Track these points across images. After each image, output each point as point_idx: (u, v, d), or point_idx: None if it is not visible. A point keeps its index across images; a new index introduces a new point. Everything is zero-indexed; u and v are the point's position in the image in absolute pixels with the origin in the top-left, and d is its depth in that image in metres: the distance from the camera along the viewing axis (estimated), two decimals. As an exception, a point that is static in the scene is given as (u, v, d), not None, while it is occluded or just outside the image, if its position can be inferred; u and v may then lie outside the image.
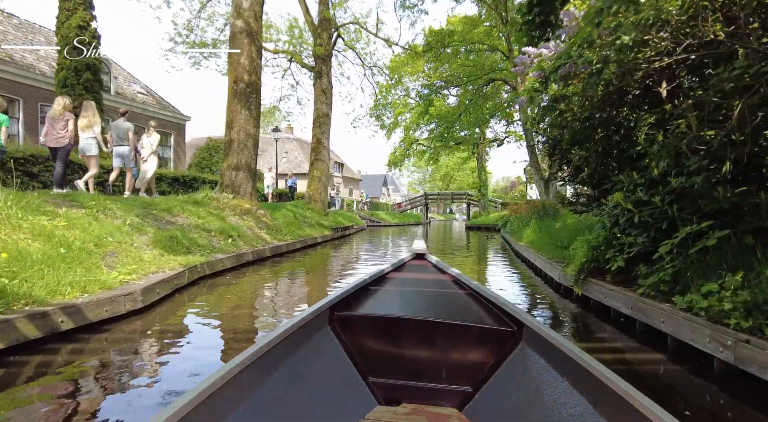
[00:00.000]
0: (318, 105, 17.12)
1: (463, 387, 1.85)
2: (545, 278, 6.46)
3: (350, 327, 2.00)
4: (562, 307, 4.82)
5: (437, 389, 1.86)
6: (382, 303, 2.24)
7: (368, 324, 1.99)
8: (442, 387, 1.86)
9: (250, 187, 10.33)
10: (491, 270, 8.00)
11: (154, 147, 10.09)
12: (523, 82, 20.49)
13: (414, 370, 1.90)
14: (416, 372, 1.90)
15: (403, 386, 1.88)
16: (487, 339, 1.89)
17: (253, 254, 7.83)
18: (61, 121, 7.72)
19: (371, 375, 1.91)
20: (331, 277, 6.99)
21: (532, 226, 10.46)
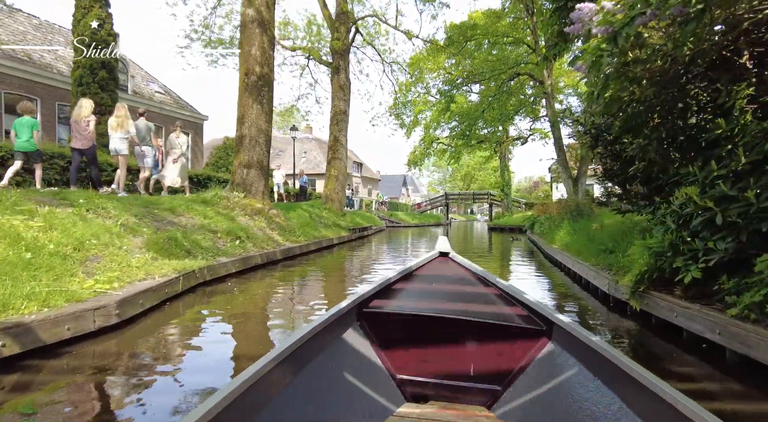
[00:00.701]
0: (335, 102, 16.55)
1: (491, 386, 1.83)
2: (588, 287, 5.67)
3: (378, 324, 2.01)
4: (614, 324, 4.05)
5: (465, 387, 1.84)
6: (409, 301, 2.21)
7: (396, 321, 2.00)
8: (469, 386, 1.84)
9: (262, 185, 9.78)
10: (522, 276, 7.23)
11: (184, 148, 10.20)
12: (550, 75, 19.54)
13: (441, 368, 1.90)
14: (444, 370, 1.89)
15: (430, 383, 1.87)
16: (515, 337, 1.88)
17: (261, 257, 7.24)
18: (83, 122, 7.72)
19: (399, 372, 1.91)
20: (347, 283, 6.34)
21: (565, 227, 9.61)
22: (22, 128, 7.31)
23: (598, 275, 5.03)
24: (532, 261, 9.42)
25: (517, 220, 27.44)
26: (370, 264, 8.75)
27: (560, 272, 7.54)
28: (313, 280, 6.56)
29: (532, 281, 6.73)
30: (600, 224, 8.67)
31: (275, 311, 4.43)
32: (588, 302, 5.03)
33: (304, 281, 6.36)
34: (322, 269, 7.75)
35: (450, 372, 1.89)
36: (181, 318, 3.88)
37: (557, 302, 5.10)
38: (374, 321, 2.02)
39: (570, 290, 5.84)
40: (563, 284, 6.28)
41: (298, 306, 4.66)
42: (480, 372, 1.88)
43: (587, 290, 5.63)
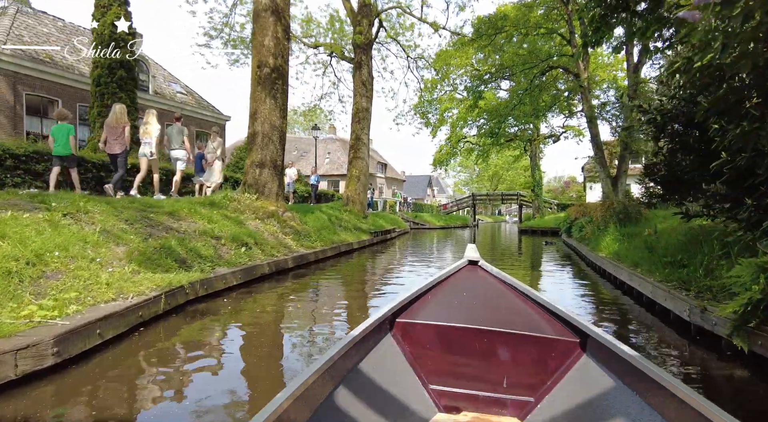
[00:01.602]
0: (357, 99, 15.78)
1: (524, 397, 1.80)
2: (652, 307, 4.65)
3: (411, 334, 2.01)
4: (707, 366, 3.07)
5: (498, 398, 1.82)
6: (441, 311, 2.15)
7: (428, 331, 2.00)
8: (502, 397, 1.82)
9: (275, 186, 9.06)
10: (565, 289, 6.23)
11: (218, 152, 10.39)
12: (587, 67, 18.25)
13: (474, 379, 1.88)
14: (476, 381, 1.87)
15: (463, 394, 1.85)
16: (548, 348, 1.85)
17: (270, 266, 6.49)
18: (118, 127, 7.88)
19: (432, 382, 1.91)
20: (364, 299, 5.50)
21: (611, 233, 8.52)
22: (59, 134, 7.49)
23: (673, 298, 4.03)
24: (573, 271, 8.36)
25: (549, 222, 26.05)
26: (392, 273, 7.89)
27: (609, 284, 6.51)
28: (324, 295, 5.74)
29: (577, 296, 5.74)
30: (653, 229, 7.58)
31: (272, 343, 3.63)
32: (657, 329, 4.03)
33: (314, 297, 5.55)
34: (337, 280, 6.94)
35: (483, 382, 1.87)
36: (147, 351, 3.11)
37: (617, 327, 4.12)
38: (407, 332, 2.03)
39: (629, 310, 4.84)
40: (617, 302, 5.27)
41: (297, 342, 3.85)
42: (513, 383, 1.85)
43: (651, 311, 4.62)
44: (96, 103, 15.22)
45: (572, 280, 7.38)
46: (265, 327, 3.93)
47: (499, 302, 2.31)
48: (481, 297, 2.38)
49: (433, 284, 2.45)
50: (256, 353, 3.22)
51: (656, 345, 3.56)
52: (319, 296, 5.52)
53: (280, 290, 5.69)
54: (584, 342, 1.83)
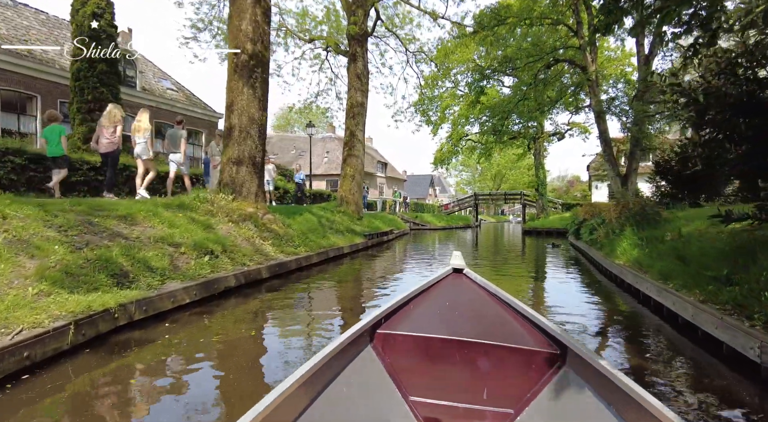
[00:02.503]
0: (352, 93, 14.89)
1: (504, 409, 1.79)
2: (695, 334, 3.74)
3: (391, 345, 1.99)
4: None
5: (478, 410, 1.82)
6: (422, 322, 2.12)
7: (409, 343, 1.98)
8: (483, 409, 1.81)
9: (254, 186, 8.18)
10: (581, 305, 5.33)
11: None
12: (595, 60, 17.30)
13: (455, 390, 1.87)
14: (457, 393, 1.86)
15: (443, 406, 1.85)
16: (529, 360, 1.85)
17: (237, 278, 5.61)
18: (110, 127, 7.78)
19: (412, 394, 1.89)
20: (350, 322, 4.62)
21: (628, 236, 7.60)
22: (51, 135, 7.46)
23: (730, 328, 3.11)
24: (585, 279, 7.45)
25: (554, 222, 25.10)
26: (385, 283, 7.00)
27: (630, 297, 5.60)
28: (297, 317, 4.85)
29: (594, 311, 4.84)
30: (677, 233, 6.67)
31: (213, 395, 2.74)
32: (707, 366, 3.13)
33: (283, 319, 4.66)
34: (318, 294, 6.06)
35: (463, 394, 1.84)
36: (15, 418, 2.23)
37: (650, 357, 3.22)
38: (387, 343, 1.99)
39: (660, 332, 3.93)
40: (644, 321, 4.37)
41: (253, 378, 2.96)
42: (493, 395, 1.83)
43: (692, 338, 3.71)
44: (76, 99, 14.38)
45: (586, 291, 6.47)
46: (208, 369, 3.04)
47: (481, 312, 2.28)
48: (464, 307, 2.34)
49: (416, 294, 2.42)
50: (186, 413, 2.33)
51: (712, 392, 2.66)
52: (289, 318, 4.64)
53: (243, 309, 4.80)
54: (564, 354, 1.82)
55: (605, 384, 1.50)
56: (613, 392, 1.45)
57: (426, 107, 30.22)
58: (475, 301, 2.41)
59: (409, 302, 2.34)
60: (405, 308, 2.28)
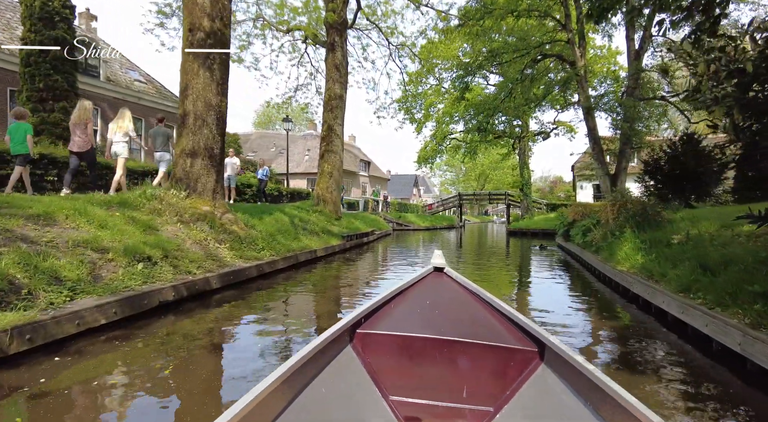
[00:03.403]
0: (330, 84, 13.96)
1: (484, 407, 1.81)
2: (742, 366, 2.95)
3: (371, 345, 1.98)
4: None
5: (458, 408, 1.82)
6: (402, 321, 2.11)
7: (389, 342, 1.97)
8: (462, 407, 1.82)
9: (211, 181, 7.21)
10: (591, 321, 4.53)
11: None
12: (584, 54, 16.68)
13: (435, 389, 1.88)
14: (437, 391, 1.87)
15: (423, 405, 1.85)
16: (508, 358, 1.86)
17: (177, 291, 4.66)
18: (81, 125, 7.53)
19: (392, 393, 1.89)
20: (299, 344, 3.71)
21: (629, 239, 6.87)
22: (15, 133, 7.39)
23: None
24: (583, 288, 6.69)
25: (539, 223, 24.55)
26: (361, 291, 6.12)
27: (639, 311, 4.84)
28: (240, 341, 3.94)
29: (605, 329, 4.03)
30: (683, 236, 5.96)
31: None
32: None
33: (218, 345, 3.74)
34: (275, 310, 5.14)
35: (443, 393, 1.86)
36: None
37: (695, 398, 2.42)
38: (367, 342, 1.99)
39: (691, 359, 3.14)
40: (668, 346, 3.58)
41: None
42: (473, 393, 1.84)
43: (738, 371, 2.92)
44: (25, 87, 13.18)
45: (586, 302, 5.69)
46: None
47: (461, 310, 2.27)
48: (444, 306, 2.34)
49: (396, 293, 2.41)
50: None
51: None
52: (230, 344, 3.72)
53: (175, 331, 3.86)
54: (542, 352, 1.83)
55: (582, 381, 1.51)
56: (590, 389, 1.46)
57: (410, 105, 29.42)
58: (455, 300, 2.41)
59: (390, 302, 2.33)
60: (385, 308, 2.26)
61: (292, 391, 1.47)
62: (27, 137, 7.37)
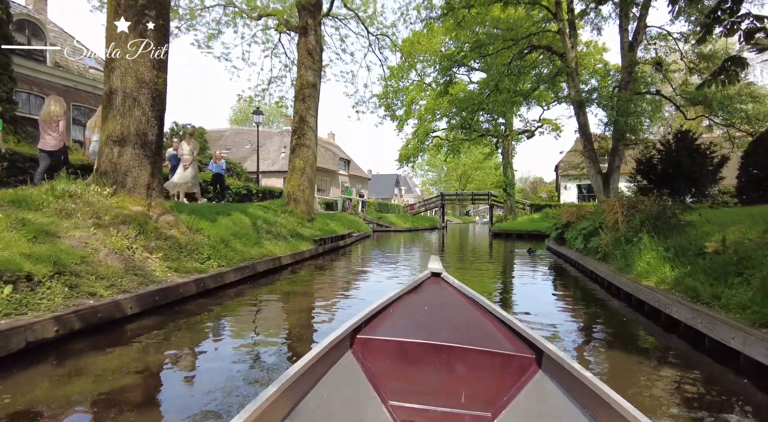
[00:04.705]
0: (302, 72, 12.63)
1: (481, 413, 1.82)
2: None
3: (371, 350, 2.01)
4: None
5: (456, 414, 1.84)
6: (401, 327, 2.15)
7: (388, 347, 1.99)
8: (460, 412, 1.84)
9: (145, 174, 5.85)
10: (636, 373, 3.38)
11: (195, 154, 10.70)
12: (575, 46, 15.75)
13: (433, 394, 1.90)
14: (435, 396, 1.89)
15: (422, 410, 1.87)
16: (505, 364, 1.88)
17: (63, 324, 3.31)
18: (53, 123, 7.25)
19: (391, 398, 1.91)
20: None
21: (648, 246, 5.78)
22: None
23: None
24: (596, 307, 5.57)
25: (524, 224, 23.66)
26: (328, 320, 4.86)
27: (688, 346, 3.71)
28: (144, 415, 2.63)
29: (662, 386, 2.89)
30: (718, 243, 4.89)
31: None
32: None
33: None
34: (211, 345, 3.84)
35: (441, 398, 1.88)
36: None
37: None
38: (367, 348, 2.01)
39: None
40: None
41: None
42: (471, 398, 1.85)
43: None
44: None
45: (607, 324, 4.55)
46: None
47: (459, 316, 2.29)
48: (442, 311, 2.35)
49: (395, 298, 2.43)
50: None
51: None
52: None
53: (40, 392, 2.54)
54: (540, 359, 1.85)
55: (579, 387, 1.52)
56: (587, 395, 1.47)
57: (390, 101, 28.27)
58: (453, 305, 2.43)
59: (388, 307, 2.34)
60: (384, 313, 2.28)
61: (295, 396, 1.50)
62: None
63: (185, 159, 10.54)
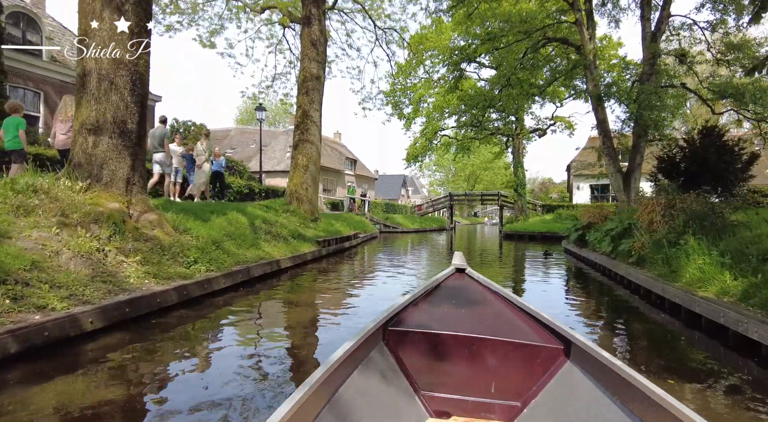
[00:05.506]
0: (305, 64, 11.96)
1: (511, 402, 1.84)
2: None
3: (401, 342, 2.04)
4: None
5: (486, 403, 1.86)
6: (430, 319, 2.16)
7: (419, 339, 2.02)
8: (490, 402, 1.85)
9: (124, 167, 5.18)
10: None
11: (207, 154, 10.46)
12: (593, 37, 14.94)
13: (463, 384, 1.92)
14: (465, 386, 1.91)
15: (452, 399, 1.89)
16: (534, 355, 1.89)
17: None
18: (68, 122, 7.12)
19: (422, 388, 1.94)
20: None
21: (698, 250, 5.01)
22: (8, 127, 7.06)
23: None
24: (643, 324, 4.82)
25: (536, 225, 22.84)
26: (329, 340, 4.16)
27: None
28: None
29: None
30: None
31: None
32: None
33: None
34: (187, 374, 3.15)
35: (471, 388, 1.89)
36: None
37: None
38: (398, 340, 2.04)
39: None
40: None
41: None
42: (500, 388, 1.87)
43: None
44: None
45: (676, 356, 3.81)
46: None
47: (486, 309, 2.31)
48: (469, 305, 2.37)
49: (422, 293, 2.48)
50: None
51: None
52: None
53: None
54: (568, 349, 1.85)
55: (610, 376, 1.51)
56: (618, 384, 1.46)
57: (398, 99, 27.58)
58: (479, 299, 2.45)
59: (417, 301, 2.38)
60: (413, 307, 2.31)
61: (333, 386, 1.52)
62: (19, 131, 6.98)
63: (200, 160, 10.42)
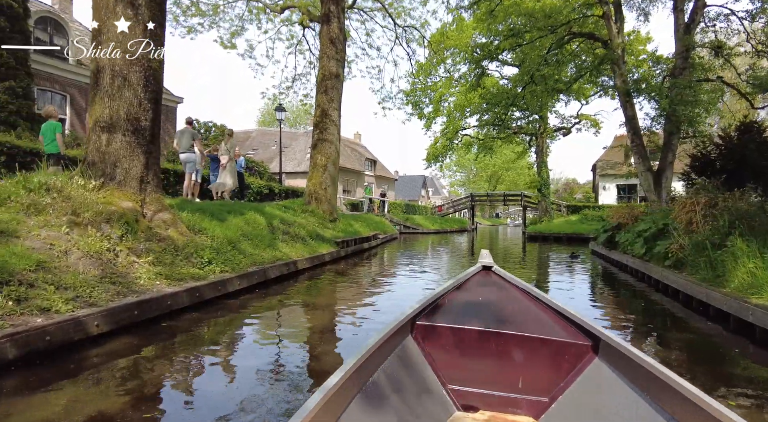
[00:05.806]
0: (324, 61, 11.81)
1: (539, 398, 1.84)
2: None
3: (430, 336, 2.05)
4: None
5: (513, 398, 1.86)
6: (457, 314, 2.17)
7: (446, 334, 2.04)
8: (518, 397, 1.86)
9: (138, 165, 5.07)
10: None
11: (231, 154, 10.44)
12: (621, 31, 14.38)
13: (490, 379, 1.92)
14: (492, 381, 1.91)
15: (480, 394, 1.90)
16: (562, 351, 1.89)
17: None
18: None
19: (450, 382, 1.94)
20: None
21: (747, 253, 4.59)
22: (47, 132, 7.23)
23: None
24: (698, 341, 4.43)
25: (561, 227, 22.19)
26: (348, 347, 3.93)
27: None
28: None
29: None
30: None
31: None
32: None
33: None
34: (186, 393, 2.96)
35: (499, 383, 1.90)
36: None
37: None
38: (426, 334, 2.05)
39: None
40: None
41: None
42: (528, 384, 1.87)
43: None
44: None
45: (732, 372, 3.45)
46: None
47: (513, 306, 2.31)
48: (496, 301, 2.39)
49: (449, 289, 2.48)
50: None
51: None
52: None
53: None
54: (596, 346, 1.84)
55: (640, 373, 1.49)
56: (649, 381, 1.44)
57: (418, 98, 27.29)
58: (506, 296, 2.45)
59: (444, 297, 2.39)
60: (440, 302, 2.32)
61: (364, 377, 1.54)
62: (56, 135, 7.21)
63: (224, 159, 10.38)
